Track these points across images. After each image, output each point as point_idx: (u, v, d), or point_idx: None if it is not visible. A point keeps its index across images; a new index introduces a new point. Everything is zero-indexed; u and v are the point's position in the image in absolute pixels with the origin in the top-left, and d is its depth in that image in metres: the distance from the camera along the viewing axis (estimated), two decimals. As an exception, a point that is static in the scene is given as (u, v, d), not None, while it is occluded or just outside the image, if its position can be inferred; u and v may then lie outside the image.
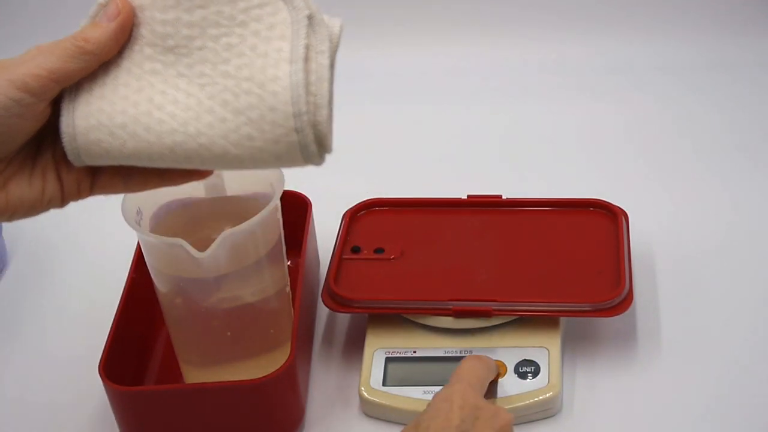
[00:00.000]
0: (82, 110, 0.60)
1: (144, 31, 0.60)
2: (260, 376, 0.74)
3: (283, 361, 0.74)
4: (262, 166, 0.60)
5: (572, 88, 1.19)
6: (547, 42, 1.23)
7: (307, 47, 0.59)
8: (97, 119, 0.60)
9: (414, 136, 1.14)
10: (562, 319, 0.82)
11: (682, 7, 1.23)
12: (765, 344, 0.83)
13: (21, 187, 0.61)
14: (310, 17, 0.60)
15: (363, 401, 0.79)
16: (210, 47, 0.60)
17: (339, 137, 1.15)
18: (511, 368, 0.78)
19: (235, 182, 0.80)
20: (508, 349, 0.80)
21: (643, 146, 1.09)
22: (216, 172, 0.78)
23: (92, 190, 0.63)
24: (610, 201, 0.90)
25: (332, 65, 0.60)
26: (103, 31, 0.59)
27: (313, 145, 0.59)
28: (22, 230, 1.02)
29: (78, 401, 0.83)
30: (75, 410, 0.83)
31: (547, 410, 0.77)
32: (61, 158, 0.61)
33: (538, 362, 0.79)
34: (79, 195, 0.63)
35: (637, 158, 1.07)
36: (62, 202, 0.63)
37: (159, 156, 0.60)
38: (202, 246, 0.70)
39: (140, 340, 0.85)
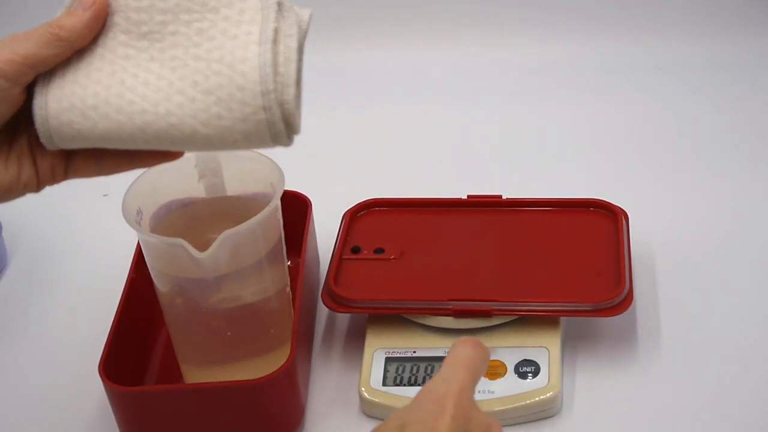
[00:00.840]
0: (54, 93, 0.62)
1: (118, 19, 0.63)
2: (260, 376, 0.74)
3: (283, 361, 0.74)
4: (230, 146, 0.62)
5: (572, 88, 1.19)
6: (547, 42, 1.24)
7: (276, 31, 0.61)
8: (70, 101, 0.61)
9: (414, 136, 1.14)
10: (562, 319, 0.82)
11: (683, 7, 1.23)
12: (765, 344, 0.83)
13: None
14: (279, 4, 0.62)
15: (363, 401, 0.79)
16: (182, 32, 0.62)
17: (339, 137, 1.15)
18: (511, 368, 0.78)
19: (236, 182, 0.80)
20: (508, 349, 0.80)
21: (643, 146, 1.09)
22: (215, 171, 0.79)
23: (66, 174, 0.65)
24: (610, 201, 0.90)
25: (301, 50, 0.62)
26: (78, 19, 0.61)
27: (280, 123, 0.61)
28: (22, 230, 1.02)
29: (78, 401, 0.83)
30: (75, 410, 0.83)
31: (547, 410, 0.77)
32: (35, 143, 0.63)
33: (538, 362, 0.79)
34: (53, 179, 0.65)
35: (637, 158, 1.07)
36: (38, 186, 0.64)
37: (129, 136, 0.62)
38: (202, 246, 0.70)
39: (140, 340, 0.85)
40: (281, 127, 0.61)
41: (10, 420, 0.83)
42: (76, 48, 0.62)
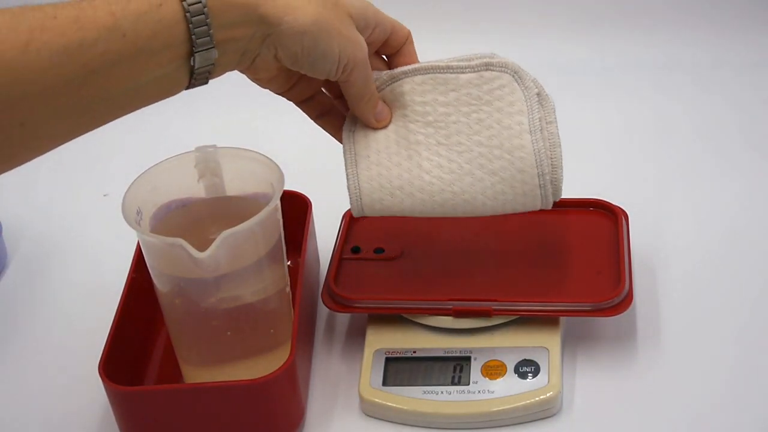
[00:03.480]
0: (364, 174, 0.76)
1: (407, 111, 0.76)
2: (260, 376, 0.74)
3: (283, 361, 0.74)
4: (508, 211, 0.77)
5: (572, 88, 1.18)
6: (547, 42, 1.24)
7: (540, 119, 0.75)
8: (378, 182, 0.76)
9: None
10: (562, 319, 0.82)
11: (684, 6, 1.23)
12: (765, 344, 0.83)
13: (275, 83, 0.75)
14: (538, 95, 0.76)
15: (363, 401, 0.79)
16: (463, 121, 0.75)
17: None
18: (511, 368, 0.78)
19: (236, 182, 0.80)
20: (508, 348, 0.80)
21: (643, 146, 1.09)
22: (215, 171, 0.79)
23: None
24: (610, 201, 0.90)
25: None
26: (370, 121, 0.76)
27: (551, 196, 0.76)
28: (22, 230, 1.03)
29: (78, 401, 0.83)
30: (75, 410, 0.83)
31: (547, 410, 0.77)
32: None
33: (538, 362, 0.79)
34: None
35: (637, 158, 1.07)
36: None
37: (430, 209, 0.76)
38: (202, 246, 0.70)
39: (140, 340, 0.85)
40: (551, 199, 0.76)
41: (10, 420, 0.83)
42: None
